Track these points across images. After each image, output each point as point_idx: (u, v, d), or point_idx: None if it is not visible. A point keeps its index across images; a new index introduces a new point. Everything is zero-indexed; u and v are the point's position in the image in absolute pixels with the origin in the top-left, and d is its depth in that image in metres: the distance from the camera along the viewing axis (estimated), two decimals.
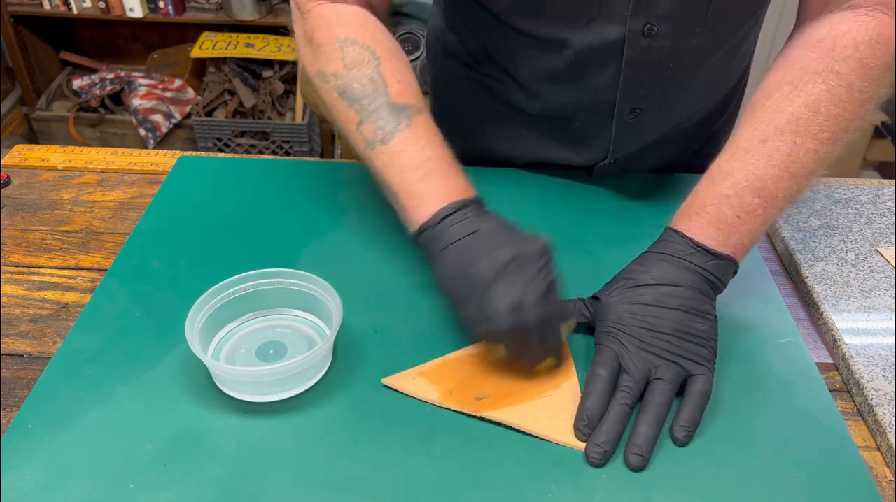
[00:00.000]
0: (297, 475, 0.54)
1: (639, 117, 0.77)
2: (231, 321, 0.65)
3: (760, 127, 0.62)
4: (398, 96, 0.64)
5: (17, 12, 2.32)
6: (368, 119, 0.64)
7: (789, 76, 0.63)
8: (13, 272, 0.73)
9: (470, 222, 0.60)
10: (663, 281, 0.60)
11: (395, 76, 0.65)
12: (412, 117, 0.64)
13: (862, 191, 0.85)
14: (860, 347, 0.65)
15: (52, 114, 2.41)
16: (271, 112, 2.33)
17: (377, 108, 0.64)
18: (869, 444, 0.59)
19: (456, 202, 0.61)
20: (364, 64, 0.65)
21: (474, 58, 0.83)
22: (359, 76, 0.65)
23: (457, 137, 0.93)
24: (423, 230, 0.61)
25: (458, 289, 0.59)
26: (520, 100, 0.81)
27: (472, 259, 0.58)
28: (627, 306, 0.60)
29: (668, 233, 0.63)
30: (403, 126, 0.63)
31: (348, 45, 0.66)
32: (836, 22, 0.63)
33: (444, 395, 0.59)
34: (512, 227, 0.61)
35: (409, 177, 0.62)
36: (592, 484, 0.54)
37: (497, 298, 0.56)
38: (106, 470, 0.54)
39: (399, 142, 0.63)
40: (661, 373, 0.58)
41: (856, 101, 0.61)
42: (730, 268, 0.62)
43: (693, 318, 0.60)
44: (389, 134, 0.63)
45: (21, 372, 0.63)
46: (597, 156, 0.83)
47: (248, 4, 2.26)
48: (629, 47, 0.70)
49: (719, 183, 0.62)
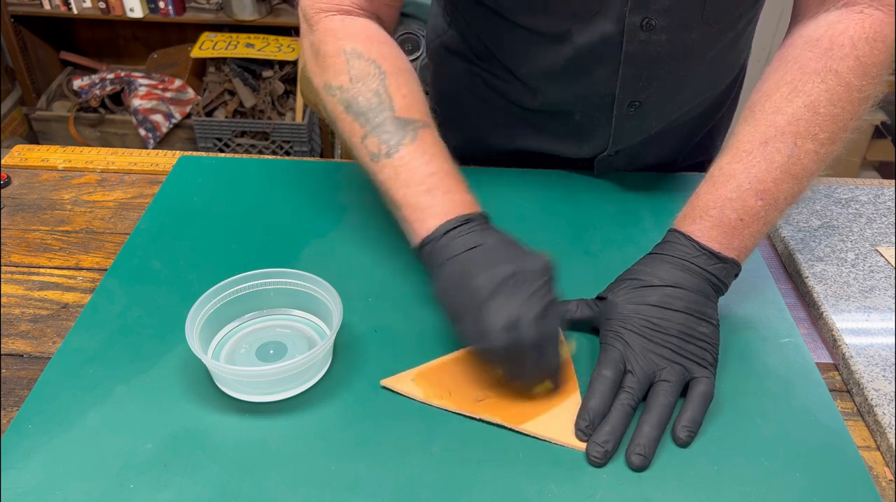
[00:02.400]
0: (297, 475, 0.54)
1: (638, 110, 0.78)
2: (231, 321, 0.65)
3: (761, 128, 0.62)
4: (403, 111, 0.64)
5: (17, 12, 2.32)
6: (373, 132, 0.63)
7: (788, 76, 0.63)
8: (13, 272, 0.73)
9: (472, 237, 0.59)
10: (669, 282, 0.60)
11: (401, 91, 0.64)
12: (417, 131, 0.63)
13: (862, 191, 0.85)
14: (860, 347, 0.64)
15: (52, 114, 2.41)
16: (271, 112, 2.33)
17: (382, 122, 0.63)
18: (869, 444, 0.59)
19: (459, 217, 0.60)
20: (369, 78, 0.64)
21: (474, 53, 0.84)
22: (364, 90, 0.64)
23: (458, 132, 0.94)
24: (424, 244, 0.60)
25: (455, 303, 0.58)
26: (520, 95, 0.82)
27: (471, 273, 0.57)
28: (634, 306, 0.60)
29: (672, 235, 0.63)
30: (408, 140, 0.62)
31: (354, 58, 0.65)
32: (832, 20, 0.63)
33: (443, 397, 0.59)
34: (515, 244, 0.60)
35: (413, 191, 0.61)
36: (592, 484, 0.54)
37: (493, 315, 0.54)
38: (105, 470, 0.54)
39: (403, 156, 0.62)
40: (665, 374, 0.58)
41: (854, 101, 0.62)
42: (733, 270, 0.62)
43: (698, 322, 0.60)
44: (394, 147, 0.62)
45: (21, 372, 0.63)
46: (597, 148, 0.84)
47: (248, 4, 2.26)
48: (628, 41, 0.70)
49: (721, 185, 0.62)
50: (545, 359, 0.57)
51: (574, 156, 0.85)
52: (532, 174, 0.87)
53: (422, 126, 0.64)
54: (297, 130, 2.28)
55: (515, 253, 0.58)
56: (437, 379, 0.61)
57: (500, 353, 0.55)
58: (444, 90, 0.92)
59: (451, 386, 0.60)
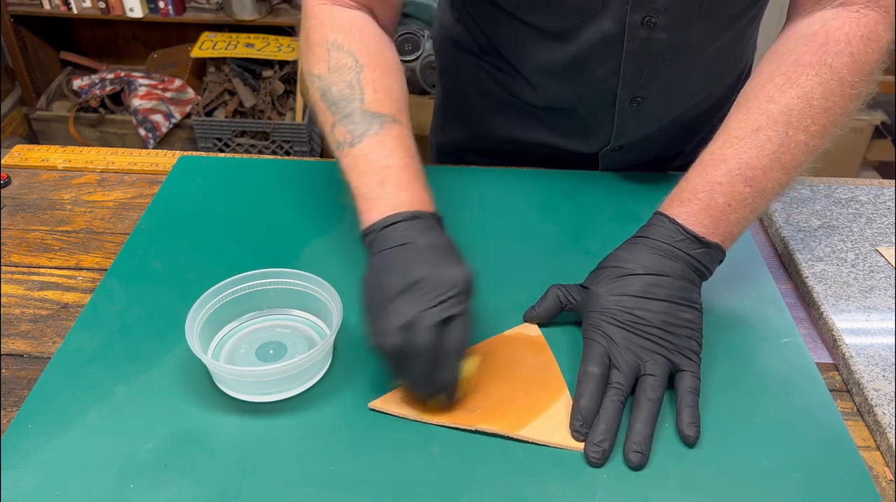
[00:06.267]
0: (297, 475, 0.54)
1: (640, 106, 0.79)
2: (231, 321, 0.65)
3: (753, 116, 0.63)
4: (372, 104, 0.64)
5: (17, 12, 2.32)
6: (341, 122, 0.64)
7: (783, 68, 0.64)
8: (13, 272, 0.73)
9: (407, 234, 0.58)
10: (651, 270, 0.61)
11: (374, 85, 0.65)
12: (384, 125, 0.63)
13: (862, 191, 0.85)
14: (860, 347, 0.64)
15: (52, 114, 2.41)
16: (271, 112, 2.33)
17: (350, 113, 0.64)
18: (869, 444, 0.59)
19: (404, 212, 0.59)
20: (345, 69, 0.65)
21: (480, 48, 0.85)
22: (338, 80, 0.65)
23: (464, 125, 0.94)
24: (366, 234, 0.60)
25: (367, 296, 0.58)
26: (524, 91, 0.83)
27: (389, 270, 0.56)
28: (616, 297, 0.60)
29: (657, 218, 0.63)
30: (372, 132, 0.63)
31: (334, 49, 0.67)
32: (828, 18, 0.64)
33: (435, 411, 0.58)
34: (446, 249, 0.58)
35: (367, 182, 0.61)
36: (592, 484, 0.54)
37: (392, 314, 0.54)
38: (106, 470, 0.54)
39: (364, 147, 0.62)
40: (650, 368, 0.58)
41: (846, 96, 0.62)
42: (717, 255, 0.63)
43: (681, 309, 0.60)
44: (357, 138, 0.63)
45: (21, 372, 0.62)
46: (600, 143, 0.85)
47: (248, 4, 2.26)
48: (629, 39, 0.72)
49: (711, 170, 0.63)
50: (438, 370, 0.55)
51: (578, 150, 0.87)
52: (532, 174, 0.87)
53: (390, 121, 0.64)
54: (297, 130, 2.28)
55: (439, 258, 0.57)
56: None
57: (391, 354, 0.55)
58: (451, 84, 0.93)
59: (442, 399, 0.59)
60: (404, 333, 0.53)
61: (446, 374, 0.56)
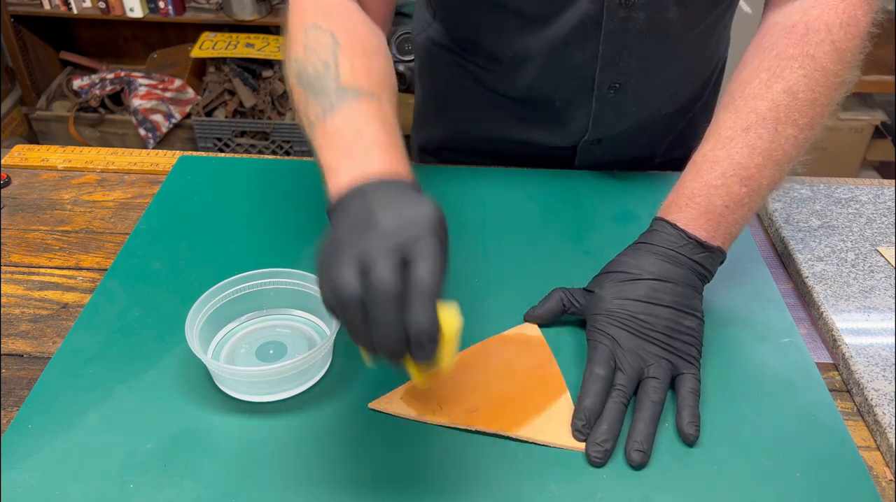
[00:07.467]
0: (297, 475, 0.54)
1: (618, 92, 0.79)
2: (231, 321, 0.65)
3: (742, 115, 0.63)
4: (348, 80, 0.58)
5: (17, 12, 2.32)
6: (314, 99, 0.58)
7: (766, 63, 0.64)
8: (13, 272, 0.73)
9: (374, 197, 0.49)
10: (656, 276, 0.61)
11: (351, 61, 0.59)
12: (359, 98, 0.56)
13: (862, 191, 0.85)
14: (860, 347, 0.64)
15: (52, 114, 2.40)
16: (271, 112, 2.33)
17: (323, 89, 0.58)
18: (869, 444, 0.59)
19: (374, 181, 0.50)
20: (322, 48, 0.60)
21: (458, 44, 0.85)
22: (314, 59, 0.60)
23: (444, 125, 0.94)
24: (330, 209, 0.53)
25: (318, 258, 0.48)
26: (501, 82, 0.84)
27: (344, 221, 0.48)
28: (620, 301, 0.61)
29: (659, 224, 0.64)
30: (346, 105, 0.56)
31: (312, 29, 0.62)
32: (806, 6, 0.64)
33: (434, 412, 0.58)
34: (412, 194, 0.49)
35: (336, 155, 0.54)
36: (592, 484, 0.54)
37: (343, 263, 0.44)
38: (106, 470, 0.54)
39: (335, 121, 0.55)
40: (653, 371, 0.58)
41: (831, 85, 0.63)
42: (718, 258, 0.63)
43: (684, 316, 0.60)
44: (329, 112, 0.56)
45: (21, 372, 0.62)
46: (577, 134, 0.85)
47: (248, 4, 2.26)
48: (608, 19, 0.72)
49: (706, 173, 0.63)
50: (407, 313, 0.44)
51: (555, 144, 0.87)
52: (532, 174, 0.87)
53: (367, 95, 0.57)
54: (297, 130, 2.28)
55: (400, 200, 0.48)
56: (425, 393, 0.59)
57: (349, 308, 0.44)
58: (431, 82, 0.93)
59: (442, 399, 0.59)
60: (360, 280, 0.44)
61: (417, 315, 0.43)
